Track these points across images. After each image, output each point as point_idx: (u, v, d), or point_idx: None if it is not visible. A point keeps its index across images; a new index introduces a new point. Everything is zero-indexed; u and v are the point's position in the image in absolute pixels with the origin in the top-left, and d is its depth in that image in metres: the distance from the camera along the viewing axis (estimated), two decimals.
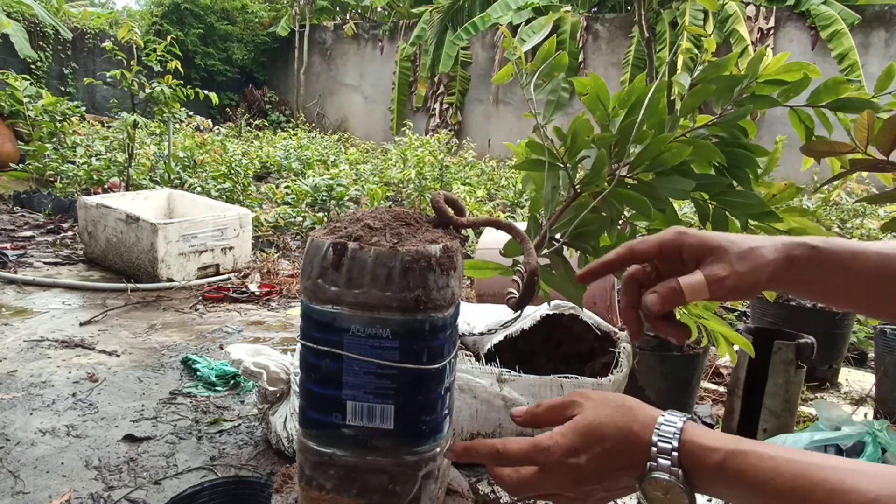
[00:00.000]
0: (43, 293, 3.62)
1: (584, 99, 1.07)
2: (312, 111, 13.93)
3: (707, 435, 0.57)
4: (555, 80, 1.12)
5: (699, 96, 1.03)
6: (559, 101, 1.11)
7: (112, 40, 5.73)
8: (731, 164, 1.05)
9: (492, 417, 1.90)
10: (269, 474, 1.94)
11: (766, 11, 9.26)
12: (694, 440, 0.56)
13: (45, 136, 6.47)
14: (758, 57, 1.01)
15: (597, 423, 0.60)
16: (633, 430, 0.58)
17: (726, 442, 0.56)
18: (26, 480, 1.86)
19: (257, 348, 2.22)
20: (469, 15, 11.47)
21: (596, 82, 1.06)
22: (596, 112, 1.09)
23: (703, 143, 0.99)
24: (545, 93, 1.12)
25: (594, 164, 1.03)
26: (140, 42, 5.89)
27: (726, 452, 0.55)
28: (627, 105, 1.06)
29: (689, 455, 0.56)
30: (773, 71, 1.03)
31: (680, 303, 0.65)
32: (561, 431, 0.62)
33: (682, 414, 0.60)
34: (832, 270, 0.64)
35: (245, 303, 3.73)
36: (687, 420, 0.59)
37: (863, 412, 2.69)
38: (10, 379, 2.52)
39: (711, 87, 1.04)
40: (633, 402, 0.62)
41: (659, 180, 1.01)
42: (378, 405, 0.65)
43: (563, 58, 1.14)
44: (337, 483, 0.69)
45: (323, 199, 5.63)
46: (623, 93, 1.06)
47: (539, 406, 0.66)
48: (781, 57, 1.03)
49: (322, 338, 0.66)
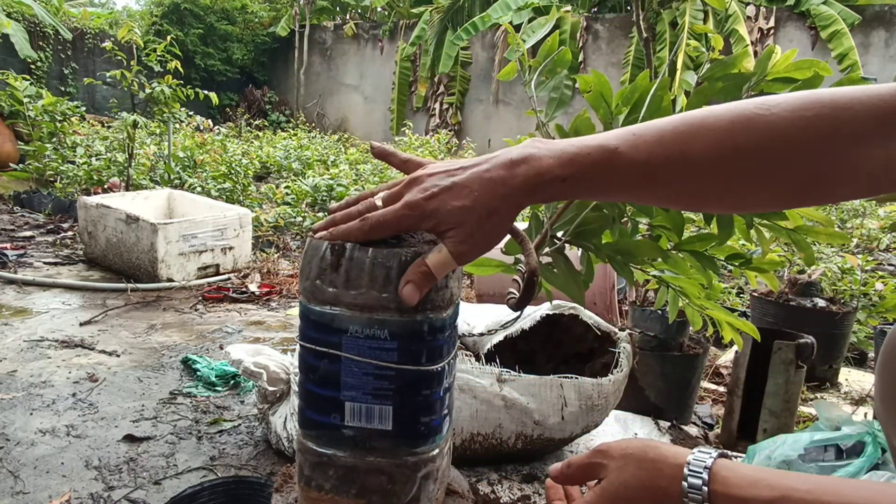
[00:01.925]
0: (43, 293, 3.62)
1: (588, 96, 1.07)
2: (312, 111, 13.94)
3: (738, 481, 0.55)
4: (557, 77, 1.12)
5: (704, 94, 1.03)
6: (561, 99, 1.11)
7: (112, 40, 5.73)
8: None
9: (492, 417, 1.90)
10: (269, 474, 1.94)
11: (766, 11, 9.27)
12: (725, 491, 0.55)
13: (45, 136, 6.47)
14: (766, 54, 1.00)
15: (624, 489, 0.60)
16: (660, 486, 0.58)
17: (759, 490, 0.54)
18: (26, 480, 1.86)
19: (257, 348, 2.22)
20: (469, 15, 11.48)
21: (599, 79, 1.06)
22: (599, 109, 1.08)
23: None
24: (548, 90, 1.12)
25: None
26: (140, 42, 5.89)
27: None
28: (630, 102, 1.05)
29: (723, 492, 0.55)
30: (783, 68, 1.02)
31: (433, 280, 0.62)
32: (592, 501, 0.62)
33: (707, 453, 0.58)
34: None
35: (245, 303, 3.73)
36: (715, 460, 0.57)
37: (863, 412, 2.69)
38: (10, 379, 2.51)
39: (718, 84, 1.03)
40: (654, 451, 0.61)
41: None
42: (376, 406, 0.65)
43: (565, 54, 1.13)
44: (336, 483, 0.69)
45: (323, 199, 5.63)
46: (626, 90, 1.06)
47: (570, 466, 0.67)
48: (790, 54, 1.03)
49: (320, 338, 0.66)
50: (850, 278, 3.54)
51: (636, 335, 2.37)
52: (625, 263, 1.08)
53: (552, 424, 1.92)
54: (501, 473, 1.96)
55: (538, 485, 1.92)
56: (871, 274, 3.84)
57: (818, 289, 3.11)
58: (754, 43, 9.15)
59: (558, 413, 1.92)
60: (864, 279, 3.54)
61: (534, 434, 1.92)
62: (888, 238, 5.57)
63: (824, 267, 3.59)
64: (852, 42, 8.25)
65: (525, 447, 1.95)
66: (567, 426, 1.94)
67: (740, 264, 1.18)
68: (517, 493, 1.87)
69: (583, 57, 10.64)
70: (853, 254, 4.25)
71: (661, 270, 1.18)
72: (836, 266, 3.64)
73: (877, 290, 3.49)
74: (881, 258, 5.33)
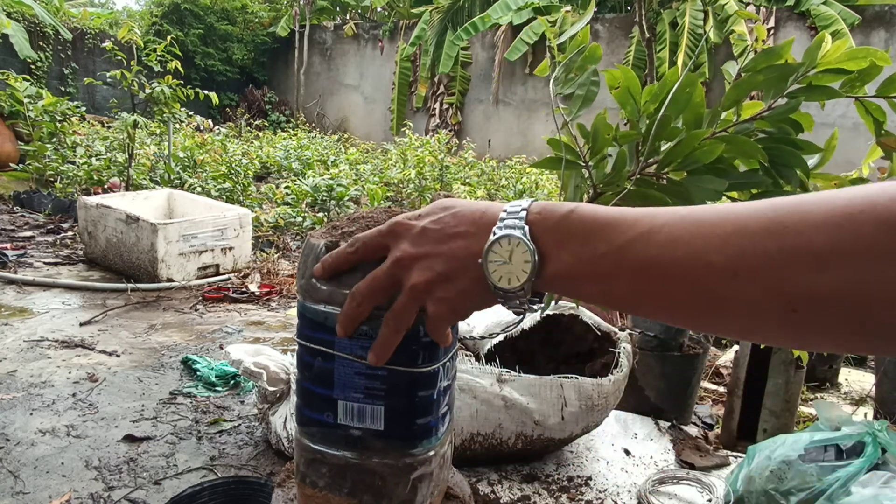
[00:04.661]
0: (43, 293, 3.62)
1: (615, 93, 1.02)
2: (312, 111, 13.94)
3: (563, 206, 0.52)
4: (586, 73, 1.06)
5: (744, 87, 0.94)
6: (587, 96, 1.05)
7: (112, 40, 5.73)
8: (777, 161, 0.95)
9: (492, 417, 1.90)
10: (269, 474, 1.94)
11: (766, 11, 9.27)
12: (545, 204, 0.52)
13: (46, 137, 6.47)
14: (816, 43, 0.91)
15: (451, 199, 0.58)
16: (483, 205, 0.56)
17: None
18: (26, 480, 1.86)
19: (257, 348, 2.22)
20: (469, 15, 11.48)
21: (626, 75, 1.00)
22: (626, 106, 1.02)
23: (742, 140, 0.91)
24: (574, 86, 1.06)
25: (615, 163, 0.99)
26: (140, 42, 5.89)
27: (577, 206, 0.51)
28: (659, 99, 0.99)
29: (538, 212, 0.52)
30: (835, 58, 0.92)
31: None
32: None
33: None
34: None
35: (245, 303, 3.73)
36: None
37: (863, 412, 2.69)
38: (10, 379, 2.51)
39: (759, 77, 0.94)
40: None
41: (690, 179, 0.95)
42: (368, 406, 0.65)
43: (595, 49, 1.07)
44: (329, 481, 0.69)
45: (323, 199, 5.63)
46: (654, 87, 1.00)
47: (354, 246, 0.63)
48: (842, 43, 0.93)
49: (315, 336, 0.66)
50: None
51: (636, 335, 2.37)
52: None
53: (552, 424, 1.92)
54: (501, 473, 1.96)
55: (538, 485, 1.92)
56: None
57: None
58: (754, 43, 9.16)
59: (558, 413, 1.92)
60: None
61: (534, 434, 1.92)
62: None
63: None
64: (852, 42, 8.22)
65: (525, 447, 1.95)
66: (567, 426, 1.94)
67: None
68: (517, 493, 1.87)
69: None
70: None
71: None
72: None
73: None
74: None
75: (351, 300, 0.60)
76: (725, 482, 1.85)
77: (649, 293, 0.47)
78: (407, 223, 0.57)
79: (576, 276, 0.50)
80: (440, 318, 0.58)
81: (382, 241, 0.59)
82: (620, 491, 1.92)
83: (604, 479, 1.98)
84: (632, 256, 0.47)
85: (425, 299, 0.57)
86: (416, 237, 0.56)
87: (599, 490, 1.92)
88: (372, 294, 0.59)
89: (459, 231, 0.55)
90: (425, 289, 0.56)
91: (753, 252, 0.42)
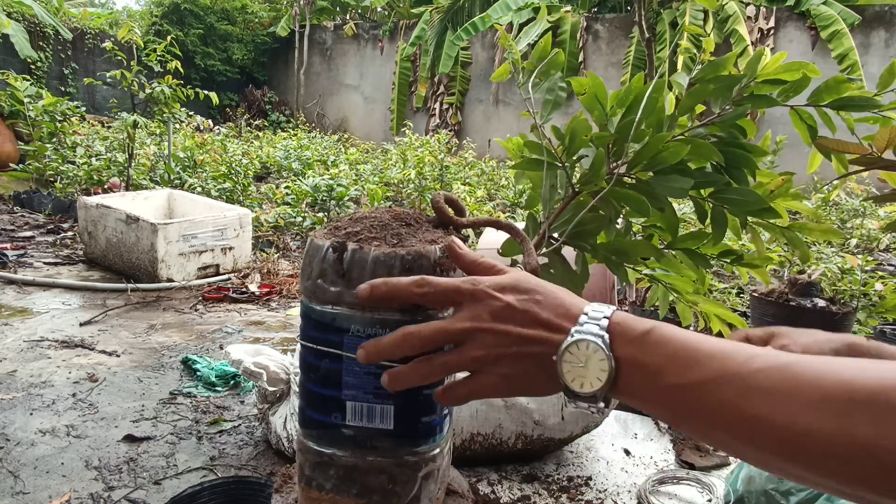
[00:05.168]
0: (43, 293, 3.62)
1: (582, 99, 1.07)
2: (312, 111, 13.94)
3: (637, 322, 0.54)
4: (551, 79, 1.12)
5: (697, 96, 1.03)
6: (556, 101, 1.10)
7: (112, 40, 5.73)
8: (729, 163, 1.05)
9: (492, 417, 1.90)
10: (269, 474, 1.94)
11: (766, 11, 9.27)
12: (626, 317, 0.54)
13: (46, 137, 6.47)
14: (756, 56, 1.00)
15: (532, 279, 0.58)
16: (564, 297, 0.57)
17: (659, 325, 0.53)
18: (26, 480, 1.86)
19: (257, 348, 2.22)
20: (469, 15, 11.48)
21: (594, 82, 1.06)
22: (594, 111, 1.08)
23: (701, 143, 0.99)
24: (542, 91, 1.12)
25: (592, 163, 1.03)
26: (140, 42, 5.90)
27: (655, 326, 0.52)
28: (625, 104, 1.05)
29: (618, 322, 0.53)
30: (772, 70, 1.02)
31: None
32: (492, 275, 0.60)
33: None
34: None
35: (245, 303, 3.73)
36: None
37: None
38: (10, 379, 2.52)
39: (710, 86, 1.03)
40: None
41: (657, 179, 1.01)
42: (378, 405, 0.65)
43: (559, 56, 1.13)
44: (336, 483, 0.69)
45: (323, 199, 5.63)
46: (620, 92, 1.06)
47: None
48: (779, 56, 1.03)
49: (322, 338, 0.66)
50: (849, 278, 3.54)
51: None
52: (619, 263, 1.08)
53: (552, 424, 1.92)
54: (501, 473, 1.97)
55: (538, 485, 1.92)
56: (870, 274, 3.84)
57: (818, 289, 3.11)
58: (755, 43, 9.15)
59: (558, 413, 1.92)
60: (863, 279, 3.54)
61: (534, 434, 1.92)
62: (888, 238, 5.57)
63: (824, 267, 3.59)
64: (852, 42, 8.25)
65: (525, 447, 1.95)
66: (567, 426, 1.94)
67: (732, 261, 1.18)
68: (517, 493, 1.87)
69: (583, 57, 10.64)
70: (853, 254, 4.25)
71: (654, 269, 1.19)
72: (836, 266, 3.64)
73: (877, 291, 3.49)
74: (881, 258, 5.33)
75: (403, 338, 0.59)
76: (725, 482, 1.85)
77: (712, 436, 0.49)
78: (492, 293, 0.57)
79: (645, 398, 0.52)
80: (493, 388, 0.58)
81: (457, 298, 0.58)
82: (620, 491, 1.92)
83: (604, 479, 1.99)
84: (694, 400, 0.49)
85: (485, 370, 0.57)
86: (500, 311, 0.56)
87: (599, 490, 1.92)
88: (432, 343, 0.58)
89: (541, 319, 0.55)
90: (493, 361, 0.56)
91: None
